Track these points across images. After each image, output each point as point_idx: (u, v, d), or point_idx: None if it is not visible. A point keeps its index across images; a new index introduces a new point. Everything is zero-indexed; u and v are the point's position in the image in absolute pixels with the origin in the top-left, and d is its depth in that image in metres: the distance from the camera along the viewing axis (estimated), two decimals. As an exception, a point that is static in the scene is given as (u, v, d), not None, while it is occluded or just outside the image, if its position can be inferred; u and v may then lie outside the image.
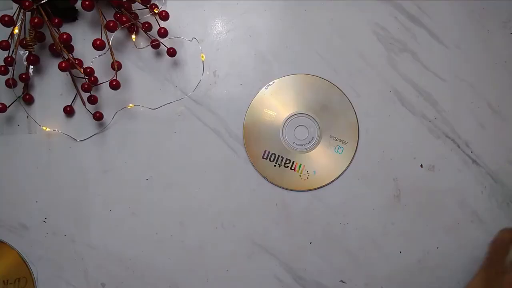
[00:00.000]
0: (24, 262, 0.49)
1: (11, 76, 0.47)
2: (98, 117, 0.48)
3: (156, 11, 0.48)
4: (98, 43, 0.44)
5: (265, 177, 0.49)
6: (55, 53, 0.50)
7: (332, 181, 0.49)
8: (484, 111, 0.49)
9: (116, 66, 0.46)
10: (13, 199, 0.50)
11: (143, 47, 0.50)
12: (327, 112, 0.49)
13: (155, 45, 0.48)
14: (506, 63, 0.50)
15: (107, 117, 0.49)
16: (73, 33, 0.47)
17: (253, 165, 0.49)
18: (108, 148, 0.50)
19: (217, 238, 0.49)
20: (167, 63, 0.50)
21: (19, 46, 0.46)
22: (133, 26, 0.48)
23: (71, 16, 0.49)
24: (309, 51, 0.50)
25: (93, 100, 0.48)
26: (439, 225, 0.49)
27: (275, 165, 0.49)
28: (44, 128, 0.49)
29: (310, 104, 0.50)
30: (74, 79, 0.49)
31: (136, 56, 0.50)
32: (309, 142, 0.49)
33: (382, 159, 0.49)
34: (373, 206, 0.49)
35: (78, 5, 0.48)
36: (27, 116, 0.50)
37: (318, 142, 0.49)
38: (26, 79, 0.48)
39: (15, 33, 0.45)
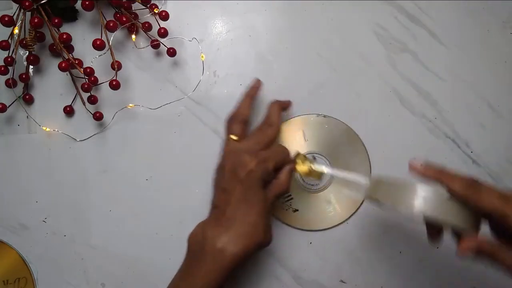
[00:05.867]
0: (24, 262, 0.49)
1: (11, 76, 0.47)
2: (98, 117, 0.48)
3: (156, 11, 0.48)
4: (98, 43, 0.44)
5: (265, 177, 0.49)
6: (55, 53, 0.50)
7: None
8: (484, 111, 0.49)
9: (116, 66, 0.46)
10: (13, 199, 0.50)
11: (143, 47, 0.50)
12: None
13: (155, 45, 0.48)
14: (506, 63, 0.50)
15: (107, 117, 0.49)
16: (73, 33, 0.47)
17: (253, 165, 0.49)
18: (108, 148, 0.50)
19: (217, 238, 0.49)
20: (167, 63, 0.50)
21: (19, 46, 0.46)
22: (133, 26, 0.48)
23: (71, 16, 0.49)
24: (309, 51, 0.50)
25: (93, 100, 0.48)
26: (439, 225, 0.49)
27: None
28: (44, 128, 0.49)
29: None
30: (74, 79, 0.49)
31: (136, 56, 0.50)
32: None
33: (382, 159, 0.49)
34: (373, 206, 0.49)
35: (78, 5, 0.48)
36: (27, 116, 0.50)
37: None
38: (26, 79, 0.48)
39: (15, 33, 0.45)
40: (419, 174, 0.35)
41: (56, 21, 0.46)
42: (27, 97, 0.49)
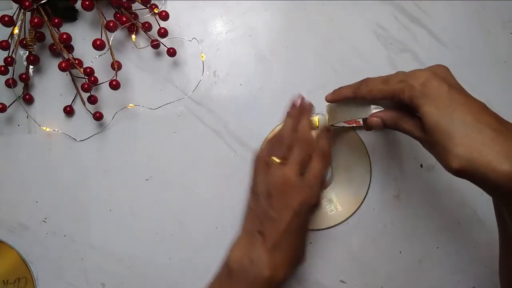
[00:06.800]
0: (24, 262, 0.49)
1: (11, 76, 0.47)
2: (98, 117, 0.48)
3: (156, 11, 0.48)
4: (98, 43, 0.44)
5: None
6: (55, 53, 0.50)
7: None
8: (484, 111, 0.49)
9: (116, 66, 0.46)
10: (13, 199, 0.50)
11: (143, 47, 0.50)
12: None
13: (155, 45, 0.48)
14: (506, 63, 0.50)
15: (107, 117, 0.49)
16: (73, 33, 0.47)
17: (253, 165, 0.49)
18: (108, 148, 0.50)
19: (217, 238, 0.49)
20: (167, 63, 0.50)
21: (19, 46, 0.46)
22: (133, 26, 0.49)
23: (71, 16, 0.49)
24: (309, 51, 0.50)
25: (93, 100, 0.48)
26: (439, 225, 0.49)
27: (275, 165, 0.49)
28: (44, 128, 0.49)
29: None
30: (74, 79, 0.49)
31: (136, 56, 0.50)
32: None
33: (382, 159, 0.49)
34: (373, 206, 0.49)
35: (78, 5, 0.48)
36: (27, 116, 0.50)
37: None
38: (26, 79, 0.48)
39: (15, 33, 0.45)
40: (330, 101, 0.41)
41: (56, 21, 0.46)
42: (27, 97, 0.49)
